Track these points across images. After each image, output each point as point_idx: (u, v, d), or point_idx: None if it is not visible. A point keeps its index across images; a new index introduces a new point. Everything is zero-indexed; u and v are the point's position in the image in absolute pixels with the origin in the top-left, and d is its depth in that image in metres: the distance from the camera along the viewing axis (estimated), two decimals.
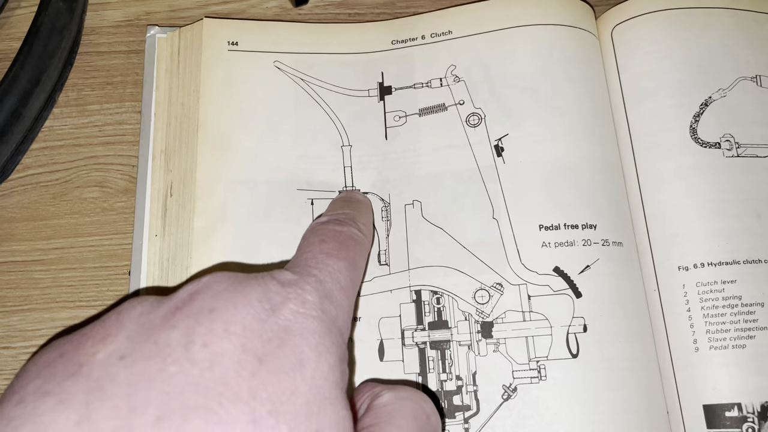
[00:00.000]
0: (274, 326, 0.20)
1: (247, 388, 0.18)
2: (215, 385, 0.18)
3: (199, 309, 0.20)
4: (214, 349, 0.19)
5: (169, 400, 0.18)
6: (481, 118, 0.34)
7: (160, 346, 0.19)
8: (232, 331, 0.20)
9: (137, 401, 0.18)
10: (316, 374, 0.20)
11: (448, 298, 0.32)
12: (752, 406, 0.29)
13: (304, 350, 0.20)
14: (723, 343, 0.30)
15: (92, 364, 0.19)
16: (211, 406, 0.18)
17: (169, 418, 0.17)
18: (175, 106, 0.35)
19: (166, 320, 0.20)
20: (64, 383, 0.18)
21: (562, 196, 0.32)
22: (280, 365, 0.19)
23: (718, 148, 0.33)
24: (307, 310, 0.21)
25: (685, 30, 0.35)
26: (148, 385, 0.18)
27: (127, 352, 0.19)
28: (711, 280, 0.31)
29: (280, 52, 0.36)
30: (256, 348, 0.19)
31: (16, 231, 0.34)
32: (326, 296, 0.23)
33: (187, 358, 0.19)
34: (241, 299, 0.21)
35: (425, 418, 0.24)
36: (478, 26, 0.36)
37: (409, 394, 0.24)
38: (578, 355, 0.30)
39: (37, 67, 0.34)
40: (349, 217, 0.29)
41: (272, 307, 0.21)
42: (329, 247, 0.25)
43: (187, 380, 0.18)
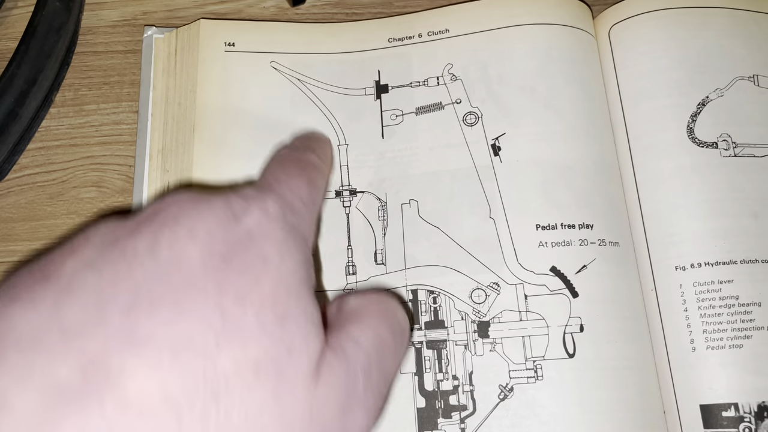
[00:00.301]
0: (237, 231, 0.21)
1: (212, 283, 0.19)
2: (181, 282, 0.19)
3: (163, 218, 0.20)
4: (179, 250, 0.19)
5: (137, 294, 0.18)
6: (478, 117, 0.34)
7: (126, 253, 0.19)
8: (197, 235, 0.20)
9: (106, 297, 0.18)
10: (281, 270, 0.20)
11: (445, 297, 0.32)
12: (749, 406, 0.29)
13: (267, 251, 0.20)
14: (720, 343, 0.30)
15: (60, 272, 0.19)
16: (178, 297, 0.18)
17: (138, 309, 0.18)
18: (172, 106, 0.35)
19: (131, 231, 0.20)
20: (33, 288, 0.18)
21: (559, 195, 0.32)
22: (244, 263, 0.20)
23: (715, 147, 0.33)
24: (269, 219, 0.22)
25: (682, 29, 0.35)
26: (116, 284, 0.18)
27: (94, 261, 0.19)
28: (708, 279, 0.31)
29: (276, 52, 0.36)
30: (220, 249, 0.20)
31: (13, 231, 0.34)
32: (287, 208, 0.23)
33: (153, 259, 0.19)
34: (204, 209, 0.21)
35: (391, 314, 0.24)
36: (475, 25, 0.36)
37: (375, 295, 0.25)
38: (575, 354, 0.30)
39: (34, 66, 0.34)
40: (307, 147, 0.29)
41: (235, 216, 0.21)
42: (289, 169, 0.26)
43: (154, 277, 0.18)
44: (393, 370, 0.24)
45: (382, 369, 0.23)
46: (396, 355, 0.24)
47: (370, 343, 0.23)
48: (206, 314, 0.18)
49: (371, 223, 0.33)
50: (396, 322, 0.25)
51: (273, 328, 0.19)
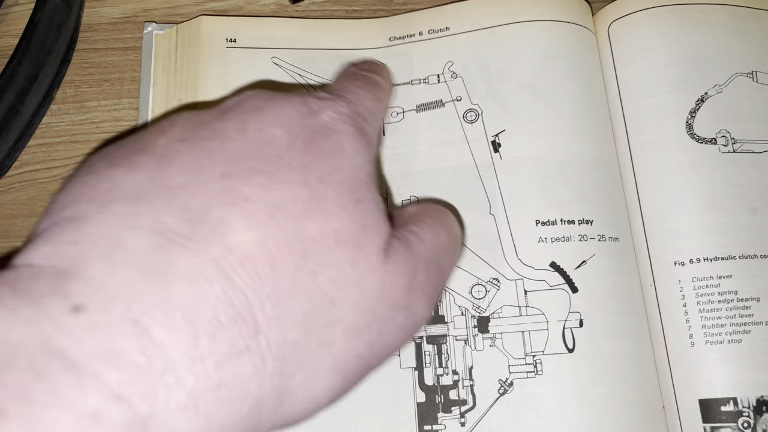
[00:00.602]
0: (316, 123, 0.22)
1: (298, 161, 0.21)
2: (270, 156, 0.20)
3: (248, 108, 0.22)
4: (266, 133, 0.21)
5: (231, 163, 0.20)
6: (478, 114, 0.34)
7: (218, 132, 0.21)
8: (281, 122, 0.21)
9: (202, 164, 0.19)
10: (354, 162, 0.22)
11: (445, 293, 0.32)
12: (747, 401, 0.29)
13: (343, 143, 0.22)
14: (719, 338, 0.30)
15: (155, 146, 0.20)
16: (269, 169, 0.20)
17: (234, 174, 0.19)
18: (172, 102, 0.35)
19: (217, 117, 0.22)
20: (132, 157, 0.20)
21: (559, 191, 0.32)
22: (324, 149, 0.21)
23: (714, 143, 0.33)
24: (342, 117, 0.23)
25: (681, 26, 0.35)
26: (211, 155, 0.20)
27: (186, 137, 0.21)
28: (707, 275, 0.31)
29: (277, 48, 0.36)
30: (302, 135, 0.21)
31: (13, 227, 0.34)
32: (357, 113, 0.24)
33: (243, 138, 0.21)
34: (284, 102, 0.22)
35: (449, 220, 0.26)
36: (475, 22, 0.36)
37: (435, 205, 0.27)
38: (574, 349, 0.30)
39: (35, 63, 0.34)
40: (372, 69, 0.30)
41: (312, 111, 0.23)
42: (358, 83, 0.27)
43: (246, 152, 0.20)
44: (448, 270, 0.25)
45: (440, 266, 0.24)
46: (451, 256, 0.26)
47: (430, 240, 0.24)
48: (295, 186, 0.20)
49: None
50: (452, 228, 0.26)
51: (350, 207, 0.21)
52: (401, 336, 0.22)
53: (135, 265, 0.17)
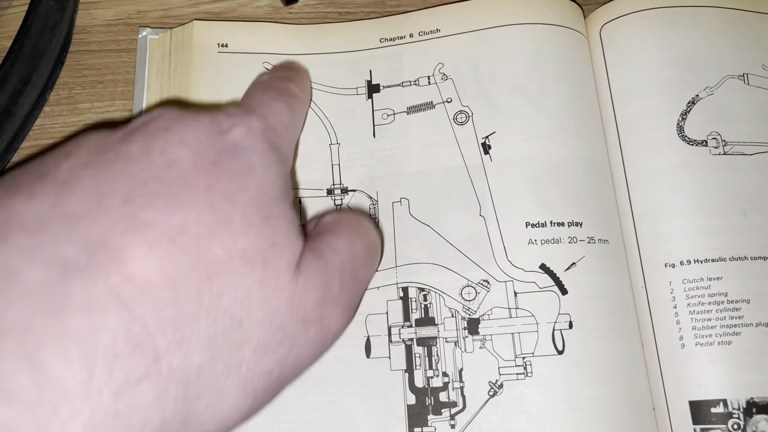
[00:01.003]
0: (224, 141, 0.22)
1: (203, 182, 0.20)
2: (175, 179, 0.20)
3: (154, 128, 0.22)
4: (172, 154, 0.21)
5: (135, 188, 0.19)
6: (468, 116, 0.34)
7: (122, 155, 0.21)
8: (187, 142, 0.21)
9: (104, 191, 0.19)
10: (264, 179, 0.22)
11: (435, 295, 0.32)
12: (737, 402, 0.29)
13: (253, 161, 0.22)
14: (709, 340, 0.30)
15: (57, 171, 0.20)
16: (173, 192, 0.20)
17: (135, 200, 0.19)
18: None
19: (123, 138, 0.21)
20: (33, 184, 0.19)
21: (549, 193, 0.32)
22: (232, 168, 0.21)
23: (705, 146, 0.33)
24: (253, 134, 0.23)
25: (672, 28, 0.35)
26: (114, 180, 0.20)
27: (90, 161, 0.20)
28: (697, 277, 0.31)
29: (268, 53, 0.36)
30: (210, 154, 0.21)
31: None
32: (269, 128, 0.24)
33: (147, 160, 0.20)
34: (192, 121, 0.22)
35: (366, 229, 0.27)
36: (466, 25, 0.36)
37: (351, 214, 0.28)
38: (564, 351, 0.30)
39: (28, 65, 0.34)
40: (285, 76, 0.30)
41: (221, 130, 0.22)
42: (270, 94, 0.27)
43: (149, 175, 0.20)
44: (365, 280, 0.26)
45: (356, 276, 0.25)
46: (368, 266, 0.26)
47: (345, 251, 0.25)
48: (199, 207, 0.20)
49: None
50: (369, 236, 0.27)
51: (258, 225, 0.21)
52: (314, 349, 0.23)
53: (30, 299, 0.17)
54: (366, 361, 0.31)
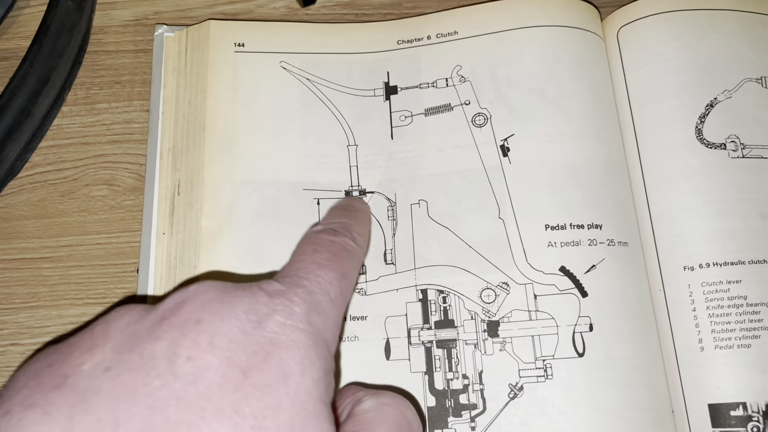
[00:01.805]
0: (259, 338, 0.20)
1: (230, 403, 0.19)
2: (198, 400, 0.18)
3: (185, 320, 0.20)
4: (199, 362, 0.19)
5: (153, 414, 0.18)
6: (486, 119, 0.34)
7: (145, 358, 0.19)
8: (217, 345, 0.20)
9: (121, 415, 0.18)
10: (300, 388, 0.20)
11: (455, 297, 0.32)
12: (757, 406, 0.29)
13: (289, 363, 0.20)
14: (728, 343, 0.30)
15: (77, 375, 0.19)
16: (194, 420, 0.18)
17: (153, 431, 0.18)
18: (182, 104, 0.35)
19: (151, 331, 0.20)
20: (49, 395, 0.19)
21: (568, 196, 0.32)
22: (264, 379, 0.19)
23: (723, 148, 0.33)
24: (293, 322, 0.21)
25: (690, 31, 0.35)
26: (132, 398, 0.18)
27: (112, 364, 0.19)
28: (716, 280, 0.31)
29: (285, 52, 0.36)
30: (240, 361, 0.19)
31: (24, 228, 0.34)
32: (314, 308, 0.22)
33: (171, 371, 0.19)
34: (227, 311, 0.21)
35: (406, 424, 0.24)
36: (484, 27, 0.36)
37: (390, 399, 0.24)
38: (584, 354, 0.30)
39: (47, 65, 0.34)
40: (344, 227, 0.29)
41: (258, 319, 0.21)
42: (321, 257, 0.25)
43: (171, 394, 0.18)
44: None
45: None
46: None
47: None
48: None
49: (381, 223, 0.33)
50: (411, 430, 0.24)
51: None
52: None
53: None
54: (386, 363, 0.31)
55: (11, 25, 0.38)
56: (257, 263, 0.32)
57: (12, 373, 0.20)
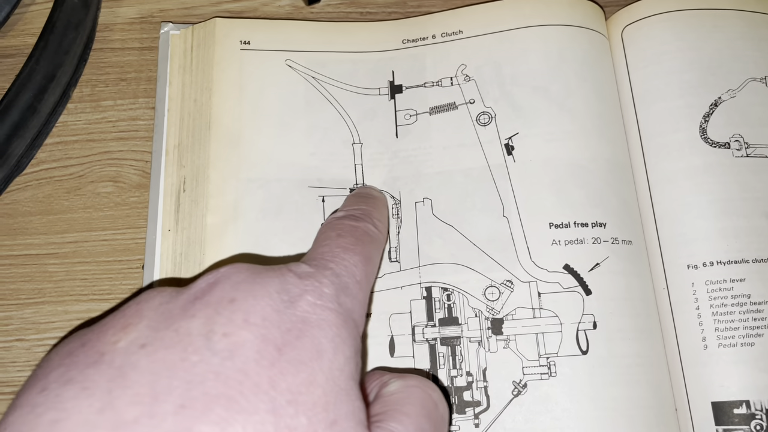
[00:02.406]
0: (292, 317, 0.21)
1: (266, 378, 0.19)
2: (235, 374, 0.18)
3: (218, 299, 0.20)
4: (235, 338, 0.19)
5: (191, 388, 0.18)
6: (491, 117, 0.35)
7: (181, 335, 0.19)
8: (252, 321, 0.20)
9: (159, 389, 0.18)
10: (333, 365, 0.20)
11: (459, 294, 0.32)
12: (760, 404, 0.29)
13: (321, 341, 0.20)
14: (731, 341, 0.30)
15: (114, 353, 0.19)
16: (232, 395, 0.18)
17: (192, 406, 0.18)
18: (188, 102, 0.35)
19: (185, 310, 0.20)
20: (86, 371, 0.19)
21: (572, 194, 0.32)
22: (298, 355, 0.20)
23: (727, 148, 0.33)
24: (324, 302, 0.22)
25: (694, 31, 0.35)
26: (170, 373, 0.18)
27: (148, 341, 0.19)
28: (720, 278, 0.31)
29: (291, 50, 0.36)
30: (275, 338, 0.20)
31: (30, 225, 0.34)
32: (342, 289, 0.23)
33: (207, 347, 0.19)
34: (260, 290, 0.21)
35: (433, 405, 0.24)
36: (488, 26, 0.36)
37: (417, 382, 0.25)
38: (588, 351, 0.30)
39: (53, 62, 0.34)
40: (365, 213, 0.29)
41: (290, 299, 0.21)
42: (345, 241, 0.26)
43: (209, 369, 0.18)
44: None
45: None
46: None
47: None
48: (260, 414, 0.18)
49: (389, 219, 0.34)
50: (438, 414, 0.24)
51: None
52: None
53: None
54: (390, 359, 0.31)
55: (17, 22, 0.38)
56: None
57: (39, 359, 0.20)
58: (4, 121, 0.33)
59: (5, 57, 0.37)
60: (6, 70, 0.37)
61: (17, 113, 0.33)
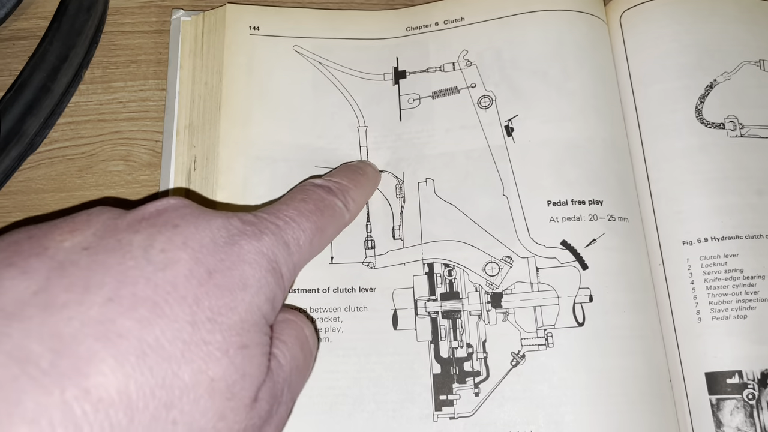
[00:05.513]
0: (227, 250, 0.22)
1: (192, 295, 0.20)
2: (165, 285, 0.20)
3: (163, 222, 0.22)
4: (171, 255, 0.21)
5: (122, 287, 0.19)
6: (492, 100, 0.35)
7: (123, 244, 0.21)
8: (190, 245, 0.21)
9: (92, 282, 0.19)
10: (254, 300, 0.22)
11: (460, 270, 0.33)
12: (752, 374, 0.30)
13: (249, 277, 0.22)
14: (725, 314, 0.31)
15: (57, 249, 0.20)
16: (158, 301, 0.19)
17: (119, 301, 0.19)
18: (198, 85, 0.36)
19: (131, 225, 0.22)
20: (29, 259, 0.20)
21: (570, 173, 0.33)
22: (226, 282, 0.21)
23: (722, 128, 0.34)
24: (258, 247, 0.23)
25: (691, 16, 0.36)
26: (105, 271, 0.20)
27: (91, 245, 0.21)
28: (714, 254, 0.32)
29: (299, 36, 0.37)
30: (208, 263, 0.21)
31: (44, 201, 0.35)
32: (281, 245, 0.24)
33: (144, 257, 0.20)
34: (203, 223, 0.22)
35: (304, 338, 0.26)
36: (489, 12, 0.37)
37: (293, 315, 0.27)
38: (584, 323, 0.31)
39: (65, 43, 0.35)
40: (342, 189, 0.30)
41: (229, 236, 0.23)
42: (306, 207, 0.27)
43: (141, 275, 0.20)
44: (299, 390, 0.26)
45: (292, 389, 0.25)
46: (304, 377, 0.26)
47: (288, 365, 0.24)
48: (180, 323, 0.20)
49: (389, 200, 0.35)
50: (308, 347, 0.27)
51: (234, 353, 0.21)
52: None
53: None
54: (393, 332, 0.32)
55: (30, 5, 0.39)
56: None
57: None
58: (19, 99, 0.34)
59: (18, 39, 0.38)
60: (19, 52, 0.38)
61: (31, 92, 0.34)
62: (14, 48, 0.38)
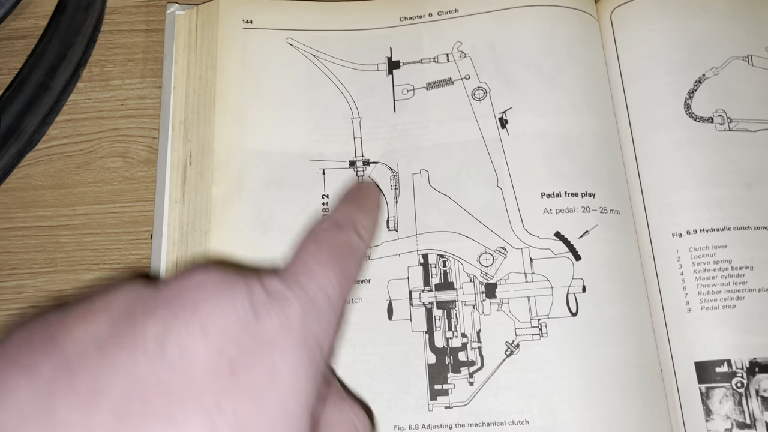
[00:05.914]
0: (252, 334, 0.20)
1: (212, 398, 0.18)
2: (180, 388, 0.18)
3: (182, 305, 0.20)
4: (187, 347, 0.19)
5: (131, 393, 0.17)
6: (486, 92, 0.36)
7: (137, 335, 0.19)
8: (209, 332, 0.19)
9: (99, 386, 0.17)
10: (286, 393, 0.19)
11: (454, 261, 0.33)
12: (741, 362, 0.31)
13: (278, 365, 0.19)
14: (714, 304, 0.32)
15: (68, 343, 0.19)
16: (172, 411, 0.17)
17: (129, 414, 0.17)
18: (193, 79, 0.37)
19: (148, 311, 0.20)
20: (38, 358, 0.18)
21: (563, 166, 0.34)
22: (250, 377, 0.19)
23: (711, 122, 0.34)
24: (289, 324, 0.20)
25: (681, 12, 0.36)
26: (115, 372, 0.18)
27: (104, 336, 0.19)
28: (703, 245, 0.33)
29: (292, 29, 0.38)
30: (230, 354, 0.19)
31: (42, 198, 0.36)
32: (311, 309, 0.22)
33: (159, 353, 0.18)
34: (225, 300, 0.20)
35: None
36: (484, 5, 0.38)
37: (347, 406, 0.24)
38: (577, 313, 0.32)
39: (64, 42, 0.36)
40: (350, 221, 0.28)
41: (255, 314, 0.20)
42: (323, 256, 0.24)
43: (153, 374, 0.18)
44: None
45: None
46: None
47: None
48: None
49: (384, 192, 0.35)
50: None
51: None
52: None
53: None
54: (388, 323, 0.33)
55: (28, 5, 0.39)
56: (265, 229, 0.33)
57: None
58: (18, 97, 0.34)
59: (17, 38, 0.38)
60: (18, 51, 0.38)
61: (30, 90, 0.35)
62: (13, 47, 0.38)
